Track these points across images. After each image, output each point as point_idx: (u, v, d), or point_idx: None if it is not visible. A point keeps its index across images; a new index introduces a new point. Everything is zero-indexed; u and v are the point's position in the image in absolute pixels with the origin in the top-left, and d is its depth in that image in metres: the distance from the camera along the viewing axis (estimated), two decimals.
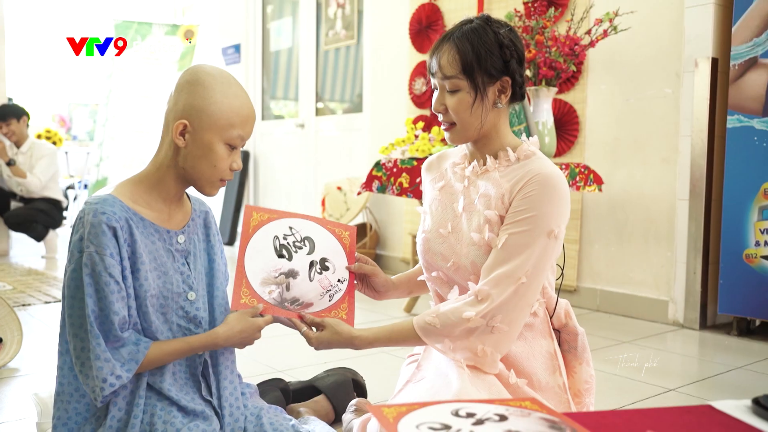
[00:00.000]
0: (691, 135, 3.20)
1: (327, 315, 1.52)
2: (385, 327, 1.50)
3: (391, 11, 4.78)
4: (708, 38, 3.15)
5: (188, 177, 1.41)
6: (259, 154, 6.31)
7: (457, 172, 1.58)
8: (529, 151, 1.49)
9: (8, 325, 2.51)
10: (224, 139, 1.38)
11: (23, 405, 2.05)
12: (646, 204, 3.40)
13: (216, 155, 1.38)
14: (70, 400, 1.36)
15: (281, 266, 1.52)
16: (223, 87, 1.38)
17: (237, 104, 1.38)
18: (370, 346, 1.50)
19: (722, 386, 2.37)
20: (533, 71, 3.04)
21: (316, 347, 1.50)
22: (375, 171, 3.30)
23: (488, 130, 1.50)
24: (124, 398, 1.36)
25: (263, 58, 6.39)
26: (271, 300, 1.48)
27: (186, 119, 1.36)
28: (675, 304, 3.28)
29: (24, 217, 5.07)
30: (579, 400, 1.58)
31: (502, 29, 1.46)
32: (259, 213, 1.57)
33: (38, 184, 5.13)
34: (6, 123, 5.09)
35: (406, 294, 1.75)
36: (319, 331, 1.50)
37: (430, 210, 1.61)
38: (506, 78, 1.47)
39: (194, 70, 1.40)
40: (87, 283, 1.29)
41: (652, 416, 0.79)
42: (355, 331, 1.50)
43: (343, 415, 1.82)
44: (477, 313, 1.38)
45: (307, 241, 1.57)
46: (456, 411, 0.77)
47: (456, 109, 1.46)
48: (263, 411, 1.51)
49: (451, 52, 1.45)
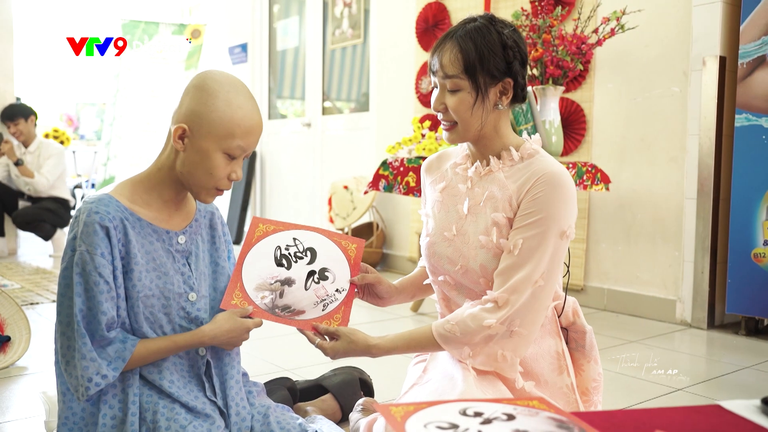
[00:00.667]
0: (699, 134, 3.19)
1: (318, 323, 1.50)
2: (403, 334, 1.48)
3: (398, 10, 4.78)
4: (716, 36, 3.14)
5: (184, 182, 1.40)
6: (265, 153, 6.32)
7: (459, 173, 1.55)
8: (533, 149, 1.48)
9: (16, 324, 2.53)
10: (222, 148, 1.35)
11: (31, 403, 2.06)
12: (654, 203, 3.39)
13: (212, 163, 1.36)
14: (72, 398, 1.36)
15: (278, 274, 1.52)
16: (228, 95, 1.35)
17: (239, 115, 1.35)
18: (388, 353, 1.48)
19: (730, 386, 2.36)
20: (540, 70, 3.03)
21: (333, 357, 1.48)
22: (382, 170, 3.29)
23: (489, 130, 1.48)
24: (114, 396, 1.36)
25: (270, 58, 6.40)
26: (262, 305, 1.48)
27: (186, 124, 1.35)
28: (683, 304, 3.27)
29: (32, 217, 5.09)
30: (587, 399, 1.57)
31: (506, 29, 1.44)
32: (265, 225, 1.57)
33: (46, 184, 5.15)
34: (14, 123, 5.11)
35: (409, 298, 1.73)
36: (333, 341, 1.48)
37: (433, 213, 1.58)
38: (508, 79, 1.45)
39: (203, 76, 1.39)
40: (77, 282, 1.30)
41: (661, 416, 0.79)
42: (372, 339, 1.48)
43: (350, 414, 1.82)
44: (498, 319, 1.37)
45: (309, 251, 1.56)
46: (464, 410, 0.77)
47: (456, 109, 1.45)
48: (270, 410, 1.51)
49: (454, 51, 1.43)
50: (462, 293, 1.52)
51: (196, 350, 1.44)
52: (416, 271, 1.74)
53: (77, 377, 1.29)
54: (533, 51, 3.00)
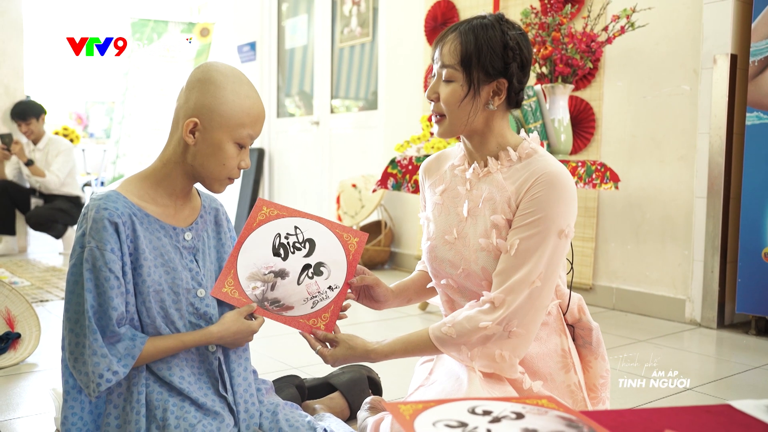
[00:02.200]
0: (709, 132, 3.17)
1: (305, 321, 1.50)
2: (401, 338, 1.49)
3: (407, 8, 4.77)
4: (727, 34, 3.11)
5: (196, 174, 1.42)
6: (273, 151, 6.33)
7: (457, 174, 1.54)
8: (531, 148, 1.46)
9: (26, 321, 2.54)
10: (234, 138, 1.38)
11: (41, 400, 2.07)
12: (664, 202, 3.37)
13: (225, 154, 1.38)
14: (76, 397, 1.37)
15: (273, 264, 1.51)
16: (234, 86, 1.38)
17: (248, 104, 1.38)
18: (386, 358, 1.49)
19: (740, 386, 2.35)
20: (549, 68, 3.02)
21: (332, 364, 1.50)
22: (390, 168, 3.29)
23: (479, 128, 1.47)
24: (120, 395, 1.37)
25: (278, 56, 6.41)
26: (252, 296, 1.47)
27: (197, 117, 1.36)
28: (692, 303, 3.25)
29: (45, 218, 5.10)
30: (594, 395, 1.57)
31: (512, 31, 1.43)
32: (269, 208, 1.56)
33: (57, 182, 5.16)
34: (26, 122, 5.13)
35: (405, 302, 1.71)
36: (333, 348, 1.49)
37: (433, 216, 1.58)
38: (503, 80, 1.43)
39: (206, 68, 1.40)
40: (87, 278, 1.30)
41: (671, 415, 0.79)
42: (370, 345, 1.49)
43: (358, 412, 1.83)
44: (494, 320, 1.37)
45: (308, 243, 1.54)
46: (472, 408, 0.77)
47: (446, 100, 1.44)
48: (279, 407, 1.51)
49: (455, 42, 1.43)
50: (465, 296, 1.51)
51: (207, 346, 1.44)
52: (414, 275, 1.72)
53: (88, 373, 1.29)
54: (542, 49, 2.99)
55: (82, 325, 1.30)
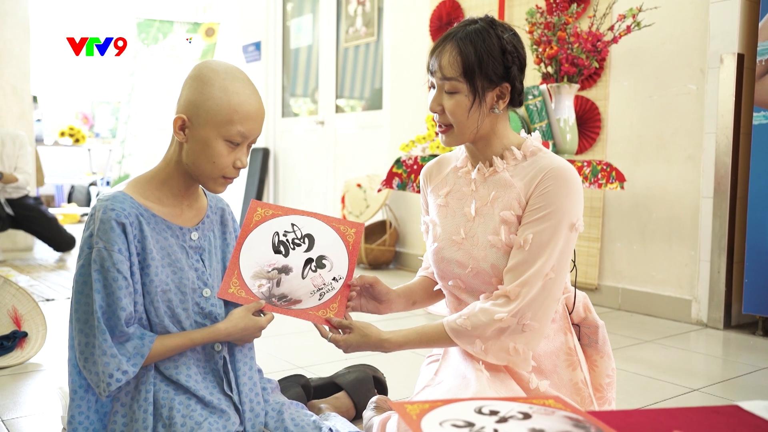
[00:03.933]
0: (716, 132, 3.16)
1: (315, 313, 1.51)
2: (415, 329, 1.49)
3: (412, 8, 4.77)
4: (734, 34, 3.10)
5: (191, 173, 1.41)
6: (278, 151, 6.33)
7: (461, 176, 1.56)
8: (534, 147, 1.48)
9: (33, 320, 2.55)
10: (222, 135, 1.36)
11: (48, 398, 2.08)
12: (670, 202, 3.36)
13: (214, 151, 1.36)
14: (84, 395, 1.37)
15: (276, 262, 1.52)
16: (224, 83, 1.36)
17: (236, 100, 1.35)
18: (400, 348, 1.49)
19: (747, 387, 2.34)
20: (555, 68, 3.02)
21: (345, 350, 1.50)
22: (395, 168, 3.29)
23: (486, 133, 1.49)
24: (127, 393, 1.37)
25: (283, 56, 6.41)
26: (259, 294, 1.48)
27: (185, 114, 1.37)
28: (698, 304, 3.24)
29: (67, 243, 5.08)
30: (601, 395, 1.57)
31: (505, 34, 1.45)
32: (263, 209, 1.57)
33: (30, 179, 4.92)
34: None
35: (408, 306, 1.71)
36: (346, 334, 1.49)
37: (439, 218, 1.58)
38: (506, 84, 1.45)
39: (200, 66, 1.40)
40: (95, 278, 1.30)
41: (679, 416, 0.78)
42: (384, 334, 1.49)
43: (363, 411, 1.83)
44: (509, 312, 1.38)
45: (306, 238, 1.56)
46: (479, 408, 0.77)
47: (453, 111, 1.45)
48: (284, 406, 1.52)
49: (453, 53, 1.43)
50: (473, 295, 1.52)
51: (212, 345, 1.45)
52: (415, 280, 1.73)
53: (98, 373, 1.30)
54: (548, 48, 2.98)
55: (91, 326, 1.31)
